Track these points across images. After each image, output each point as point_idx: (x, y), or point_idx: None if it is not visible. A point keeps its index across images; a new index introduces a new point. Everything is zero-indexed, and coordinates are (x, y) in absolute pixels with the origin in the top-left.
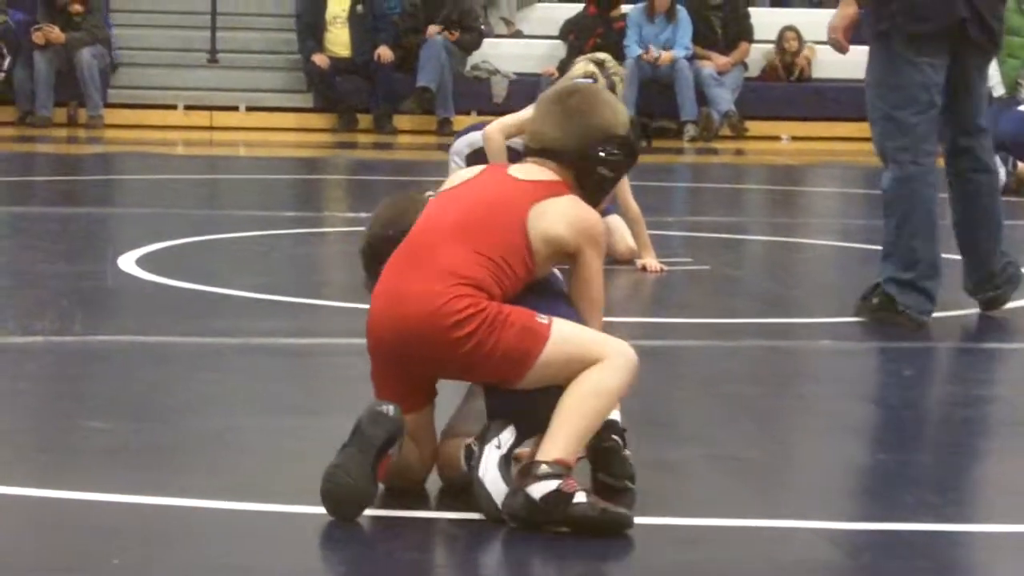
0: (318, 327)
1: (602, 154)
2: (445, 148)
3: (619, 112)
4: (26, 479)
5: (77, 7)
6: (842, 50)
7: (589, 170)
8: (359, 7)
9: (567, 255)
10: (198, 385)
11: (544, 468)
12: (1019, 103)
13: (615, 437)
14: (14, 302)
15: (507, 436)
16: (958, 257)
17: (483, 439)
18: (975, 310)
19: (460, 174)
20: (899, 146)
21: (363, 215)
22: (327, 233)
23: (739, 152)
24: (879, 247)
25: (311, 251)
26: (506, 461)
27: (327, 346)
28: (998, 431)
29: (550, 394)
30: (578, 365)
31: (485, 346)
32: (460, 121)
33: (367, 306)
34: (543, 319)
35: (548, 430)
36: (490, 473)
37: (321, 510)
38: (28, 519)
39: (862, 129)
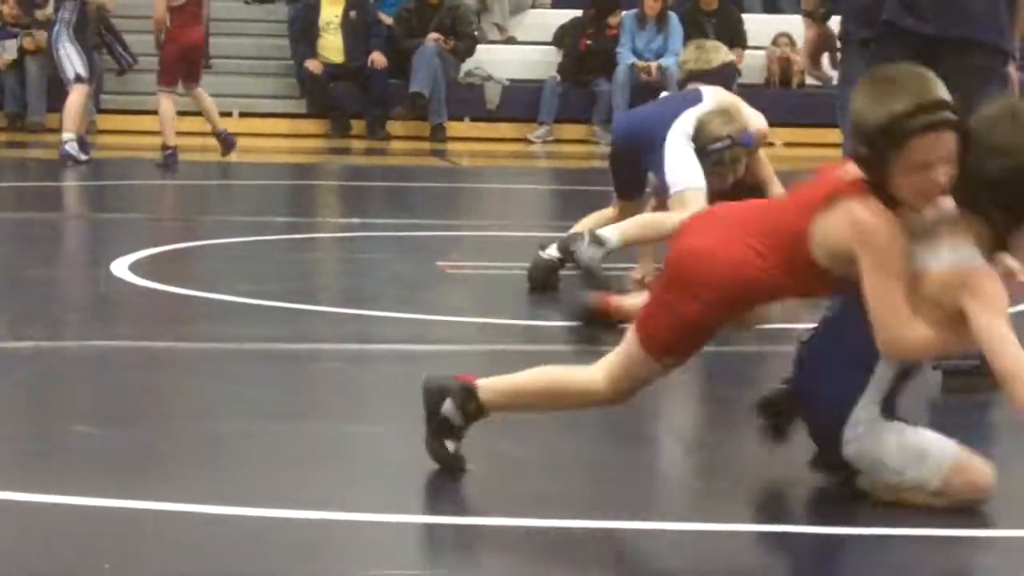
0: (311, 332)
1: None
2: (438, 154)
3: None
4: (17, 484)
5: None
6: (819, 78)
7: None
8: (352, 13)
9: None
10: (190, 390)
11: None
12: None
13: None
14: (6, 307)
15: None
16: None
17: None
18: None
19: None
20: None
21: (355, 220)
22: (320, 239)
23: None
24: None
25: (304, 256)
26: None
27: (319, 351)
28: (999, 437)
29: None
30: None
31: None
32: (453, 127)
33: (359, 311)
34: None
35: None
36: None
37: (312, 515)
38: (18, 524)
39: None
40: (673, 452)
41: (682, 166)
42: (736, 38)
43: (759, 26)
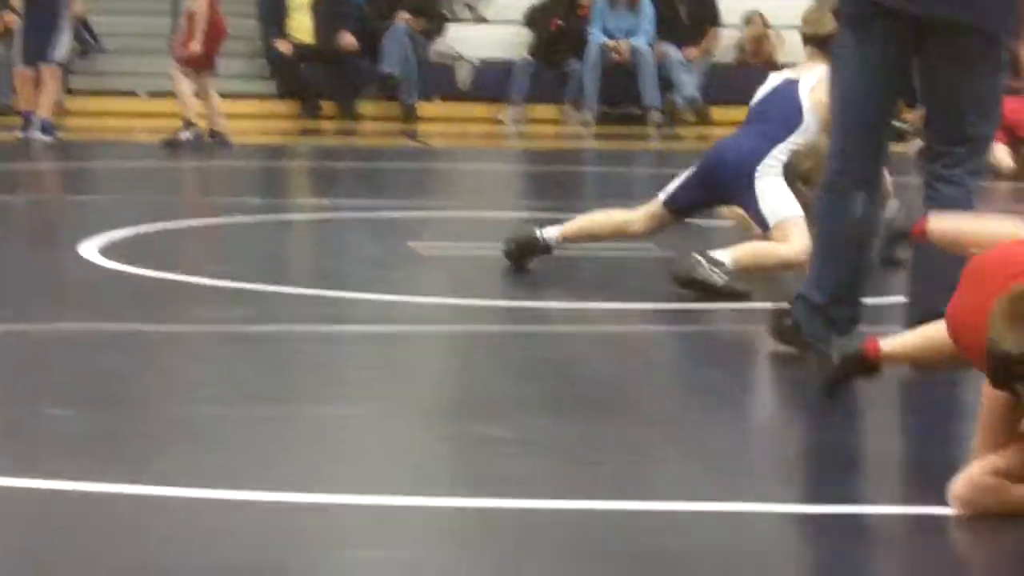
0: (281, 314)
1: None
2: (409, 135)
3: None
4: None
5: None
6: None
7: None
8: None
9: None
10: (162, 372)
11: None
12: None
13: None
14: None
15: None
16: None
17: None
18: None
19: None
20: (831, 152)
21: (326, 201)
22: (291, 220)
23: (702, 138)
24: None
25: (275, 238)
26: None
27: (291, 333)
28: (967, 415)
29: None
30: None
31: None
32: (424, 108)
33: (331, 293)
34: None
35: None
36: None
37: (286, 496)
38: None
39: None
40: (650, 431)
41: (774, 199)
42: (709, 17)
43: (732, 4)
